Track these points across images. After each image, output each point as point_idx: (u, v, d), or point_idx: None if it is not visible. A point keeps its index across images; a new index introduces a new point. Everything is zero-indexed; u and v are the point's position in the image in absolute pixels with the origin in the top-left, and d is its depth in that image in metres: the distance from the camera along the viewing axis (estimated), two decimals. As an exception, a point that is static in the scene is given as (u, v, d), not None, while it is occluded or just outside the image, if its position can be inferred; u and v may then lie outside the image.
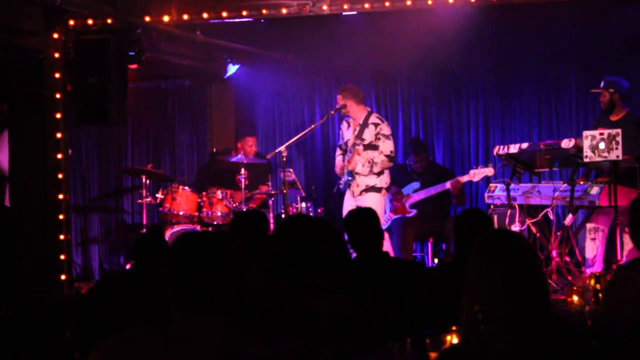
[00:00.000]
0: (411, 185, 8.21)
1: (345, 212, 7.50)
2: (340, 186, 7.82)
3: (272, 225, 8.16)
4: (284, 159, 7.91)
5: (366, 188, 7.60)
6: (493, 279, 2.33)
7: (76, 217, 9.32)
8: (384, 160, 7.55)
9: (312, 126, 8.49)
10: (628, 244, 6.17)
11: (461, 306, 2.38)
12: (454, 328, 2.83)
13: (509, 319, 2.27)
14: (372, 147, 7.57)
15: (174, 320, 2.25)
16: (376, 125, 7.59)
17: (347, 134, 7.78)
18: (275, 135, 9.79)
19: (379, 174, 7.59)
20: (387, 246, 7.47)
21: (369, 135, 7.58)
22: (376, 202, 7.51)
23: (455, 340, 2.82)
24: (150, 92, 9.71)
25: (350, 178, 7.70)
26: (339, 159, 7.98)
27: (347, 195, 7.75)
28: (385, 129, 7.60)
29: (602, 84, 7.19)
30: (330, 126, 9.54)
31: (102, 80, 6.76)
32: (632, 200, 3.43)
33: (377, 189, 7.60)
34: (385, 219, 7.93)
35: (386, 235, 7.56)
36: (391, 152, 7.58)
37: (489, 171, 7.79)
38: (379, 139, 7.55)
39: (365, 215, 4.50)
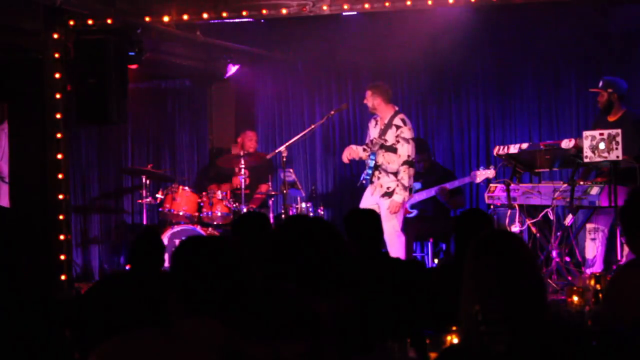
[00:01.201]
0: (412, 186, 8.20)
1: (363, 206, 7.48)
2: (364, 182, 7.76)
3: (272, 226, 8.18)
4: (284, 159, 7.91)
5: (387, 192, 7.47)
6: (490, 279, 2.33)
7: (76, 217, 9.31)
8: (405, 168, 7.43)
9: (313, 126, 8.48)
10: (628, 244, 6.16)
11: (461, 306, 2.37)
12: (454, 328, 2.83)
13: (508, 319, 2.27)
14: (392, 149, 7.49)
15: (174, 321, 2.26)
16: (398, 127, 7.48)
17: (374, 132, 7.70)
18: (275, 135, 9.79)
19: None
20: (399, 248, 7.40)
21: (390, 136, 7.49)
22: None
23: (455, 340, 2.82)
24: (150, 92, 9.71)
25: (367, 177, 7.65)
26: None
27: (367, 192, 7.69)
28: (406, 132, 7.48)
29: (600, 84, 7.16)
30: (331, 126, 9.54)
31: (102, 80, 6.76)
32: (620, 207, 3.41)
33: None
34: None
35: (402, 238, 7.52)
36: (408, 156, 7.44)
37: (490, 173, 7.79)
38: (399, 141, 7.48)
39: (366, 215, 4.50)
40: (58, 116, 6.90)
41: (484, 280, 2.33)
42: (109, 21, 6.95)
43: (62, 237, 6.95)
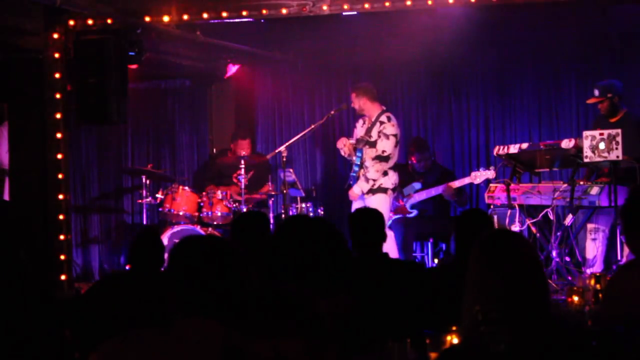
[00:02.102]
0: (412, 186, 8.20)
1: (354, 208, 7.50)
2: (351, 182, 7.78)
3: (271, 226, 8.17)
4: (284, 159, 7.91)
5: (372, 188, 7.55)
6: (493, 279, 2.33)
7: (76, 217, 9.31)
8: (374, 162, 7.49)
9: (312, 126, 8.48)
10: (628, 245, 6.16)
11: (461, 306, 2.37)
12: (454, 328, 2.82)
13: (509, 319, 2.27)
14: (373, 144, 7.55)
15: (174, 321, 2.26)
16: (381, 123, 7.56)
17: (361, 130, 7.75)
18: (275, 135, 9.79)
19: (384, 173, 7.55)
20: (391, 246, 7.41)
21: (375, 133, 7.57)
22: (382, 202, 7.44)
23: (455, 340, 2.82)
24: (150, 92, 9.70)
25: (353, 174, 7.66)
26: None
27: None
28: (389, 129, 7.54)
29: (597, 92, 7.12)
30: (331, 126, 9.53)
31: (102, 80, 6.75)
32: (621, 207, 3.41)
33: (383, 190, 7.55)
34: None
35: (391, 234, 7.53)
36: (383, 151, 7.51)
37: (490, 174, 7.80)
38: (380, 137, 7.54)
39: (369, 215, 4.50)
40: (58, 116, 6.90)
41: (488, 280, 2.33)
42: (109, 21, 6.94)
43: (62, 237, 6.94)
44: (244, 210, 7.99)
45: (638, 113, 7.30)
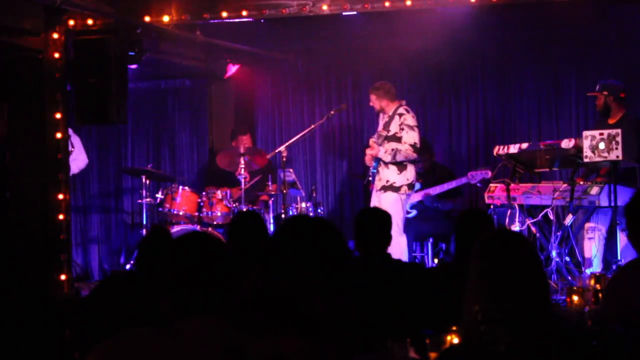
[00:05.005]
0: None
1: (372, 205, 7.45)
2: (370, 179, 7.71)
3: (271, 225, 8.17)
4: (284, 159, 7.90)
5: (385, 185, 7.39)
6: (494, 279, 2.33)
7: (76, 217, 9.32)
8: (408, 149, 7.32)
9: (312, 126, 8.48)
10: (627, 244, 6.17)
11: (461, 306, 2.37)
12: (454, 328, 2.83)
13: (509, 319, 2.27)
14: (395, 138, 7.37)
15: (172, 320, 2.25)
16: (401, 115, 7.42)
17: (380, 125, 7.68)
18: (275, 135, 9.79)
19: (401, 169, 7.38)
20: (402, 251, 7.33)
21: (394, 126, 7.42)
22: (393, 202, 7.31)
23: (455, 340, 2.82)
24: (150, 92, 9.71)
25: (374, 170, 7.60)
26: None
27: (374, 189, 7.66)
28: (410, 120, 7.40)
29: (597, 87, 7.17)
30: (330, 126, 9.54)
31: (102, 80, 6.76)
32: (625, 205, 3.41)
33: (395, 188, 7.37)
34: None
35: (403, 238, 7.42)
36: (415, 142, 7.35)
37: (486, 174, 7.79)
38: (403, 129, 7.38)
39: (374, 216, 4.48)
40: (58, 116, 6.90)
41: (488, 279, 2.33)
42: (109, 21, 6.95)
43: (62, 237, 6.94)
44: (244, 209, 7.98)
45: (637, 115, 7.29)
